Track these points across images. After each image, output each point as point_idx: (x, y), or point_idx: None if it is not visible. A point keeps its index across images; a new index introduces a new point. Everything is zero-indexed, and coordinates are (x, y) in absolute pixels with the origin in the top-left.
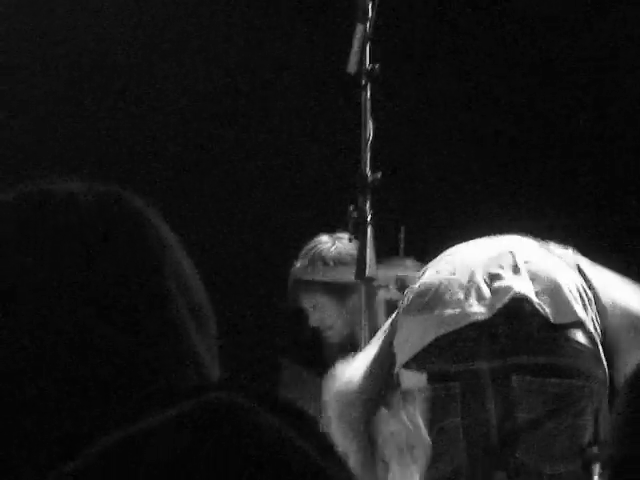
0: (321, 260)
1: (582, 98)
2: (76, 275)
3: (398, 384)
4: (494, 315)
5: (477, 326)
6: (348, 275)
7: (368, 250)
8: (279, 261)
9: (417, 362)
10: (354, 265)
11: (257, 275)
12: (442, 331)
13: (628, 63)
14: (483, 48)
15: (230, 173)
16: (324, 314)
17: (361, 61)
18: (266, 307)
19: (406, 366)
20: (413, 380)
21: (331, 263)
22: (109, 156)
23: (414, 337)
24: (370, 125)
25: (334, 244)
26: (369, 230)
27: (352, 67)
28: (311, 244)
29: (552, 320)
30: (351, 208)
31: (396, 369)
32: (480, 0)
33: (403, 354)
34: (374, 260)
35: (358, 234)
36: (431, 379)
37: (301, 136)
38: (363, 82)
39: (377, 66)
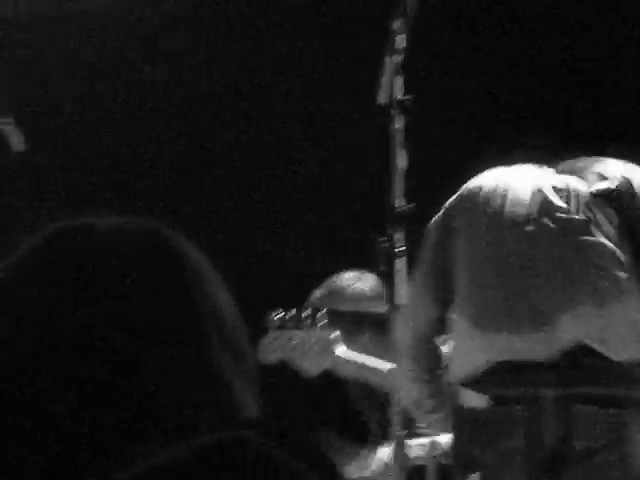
0: (339, 292)
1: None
2: (110, 304)
3: (454, 395)
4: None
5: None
6: (365, 307)
7: (397, 280)
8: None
9: (479, 383)
10: (371, 301)
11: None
12: (500, 358)
13: None
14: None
15: (252, 205)
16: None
17: (391, 92)
18: None
19: (465, 384)
20: (475, 400)
21: (348, 297)
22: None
23: (473, 355)
24: (402, 155)
25: (357, 281)
26: (401, 261)
27: (382, 98)
28: (334, 277)
29: (614, 359)
30: (382, 239)
31: (450, 379)
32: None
33: (458, 366)
34: (405, 291)
35: (388, 265)
36: (495, 402)
37: (333, 165)
38: (393, 113)
39: (409, 97)
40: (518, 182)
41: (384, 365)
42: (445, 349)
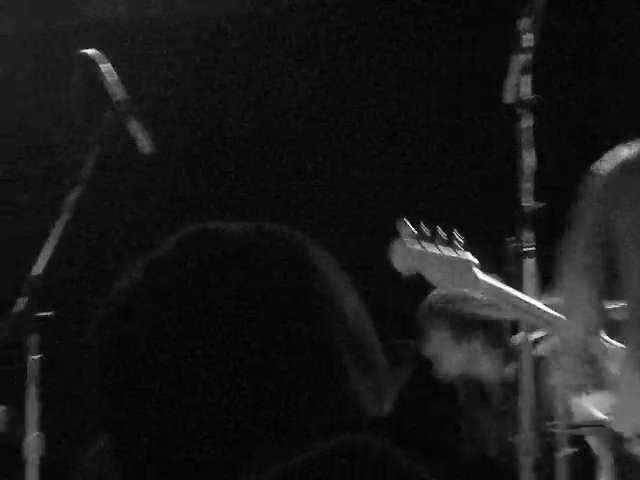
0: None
1: None
2: (240, 307)
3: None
4: None
5: None
6: (488, 312)
7: (526, 280)
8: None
9: None
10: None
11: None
12: None
13: None
14: None
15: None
16: (439, 348)
17: (518, 91)
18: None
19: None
20: None
21: (465, 298)
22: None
23: None
24: (530, 155)
25: None
26: (529, 261)
27: (509, 97)
28: None
29: None
30: (510, 238)
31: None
32: None
33: (627, 419)
34: (534, 293)
35: (516, 265)
36: None
37: (460, 162)
38: (520, 112)
39: (537, 97)
40: None
41: (533, 301)
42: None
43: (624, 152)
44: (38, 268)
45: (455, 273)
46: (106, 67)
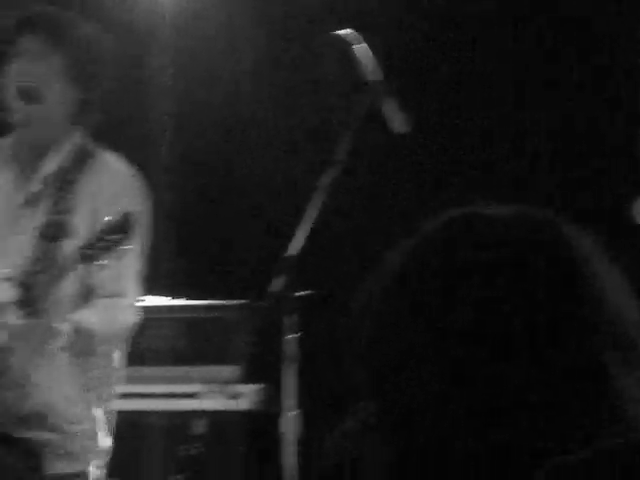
0: None
1: None
2: (502, 287)
3: None
4: None
5: None
6: None
7: None
8: None
9: None
10: None
11: None
12: None
13: None
14: None
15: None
16: None
17: None
18: None
19: None
20: None
21: None
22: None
23: None
24: None
25: None
26: None
27: None
28: None
29: None
30: None
31: None
32: None
33: None
34: None
35: None
36: None
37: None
38: None
39: None
40: None
41: None
42: None
43: None
44: (295, 248)
45: None
46: (360, 47)
